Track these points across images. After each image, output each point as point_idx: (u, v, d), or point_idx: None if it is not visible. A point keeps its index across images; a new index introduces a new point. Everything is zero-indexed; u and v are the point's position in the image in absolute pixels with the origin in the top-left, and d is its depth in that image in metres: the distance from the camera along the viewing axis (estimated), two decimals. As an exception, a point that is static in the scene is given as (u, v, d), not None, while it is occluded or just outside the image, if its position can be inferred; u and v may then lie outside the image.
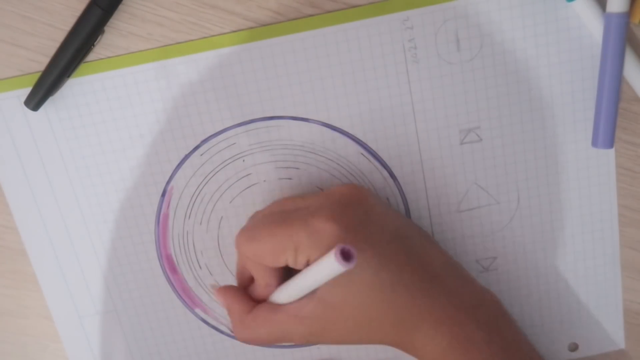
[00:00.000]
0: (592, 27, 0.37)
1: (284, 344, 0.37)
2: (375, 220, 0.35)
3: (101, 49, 0.38)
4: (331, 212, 0.34)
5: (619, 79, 0.37)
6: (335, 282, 0.32)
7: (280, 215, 0.35)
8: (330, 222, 0.33)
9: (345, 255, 0.29)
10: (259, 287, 0.37)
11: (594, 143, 0.38)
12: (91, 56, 0.38)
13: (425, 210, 0.41)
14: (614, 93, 0.37)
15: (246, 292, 0.38)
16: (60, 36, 0.38)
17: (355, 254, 0.29)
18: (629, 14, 0.36)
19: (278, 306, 0.36)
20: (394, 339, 0.36)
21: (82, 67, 0.38)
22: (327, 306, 0.34)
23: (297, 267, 0.34)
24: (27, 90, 0.38)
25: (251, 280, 0.38)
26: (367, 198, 0.36)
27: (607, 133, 0.38)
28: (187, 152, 0.40)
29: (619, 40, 0.36)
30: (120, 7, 0.38)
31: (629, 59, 0.37)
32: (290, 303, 0.35)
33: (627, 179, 0.41)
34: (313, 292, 0.34)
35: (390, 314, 0.34)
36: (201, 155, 0.40)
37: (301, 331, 0.35)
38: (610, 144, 0.38)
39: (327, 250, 0.31)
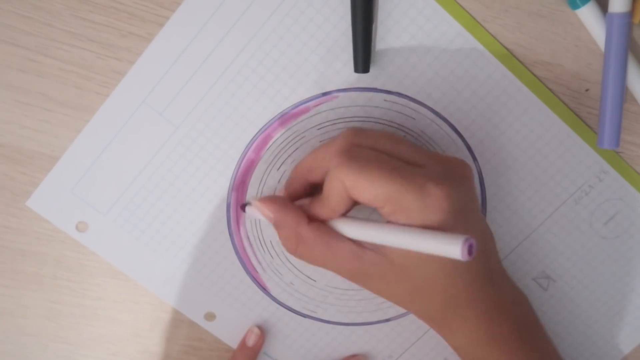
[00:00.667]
0: (596, 35, 0.38)
1: (327, 269, 0.36)
2: (473, 204, 0.35)
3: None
4: (449, 186, 0.33)
5: (623, 79, 0.37)
6: (413, 251, 0.32)
7: (396, 162, 0.33)
8: (445, 198, 0.32)
9: (469, 251, 0.30)
10: (324, 208, 0.35)
11: (600, 143, 0.38)
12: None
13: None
14: (619, 92, 0.37)
15: (297, 205, 0.36)
16: (60, 36, 0.38)
17: (475, 253, 0.30)
18: (631, 14, 0.36)
19: (339, 234, 0.35)
20: (434, 316, 0.36)
21: None
22: (390, 264, 0.34)
23: (382, 213, 0.33)
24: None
25: (307, 187, 0.37)
26: (473, 180, 0.36)
27: (612, 132, 0.38)
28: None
29: (622, 40, 0.36)
30: (120, 6, 0.38)
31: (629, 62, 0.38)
32: (354, 240, 0.34)
33: (627, 179, 0.41)
34: (381, 245, 0.34)
35: (445, 294, 0.35)
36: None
37: (353, 265, 0.34)
38: (616, 143, 0.38)
39: (430, 218, 0.32)
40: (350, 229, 0.34)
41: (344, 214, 0.35)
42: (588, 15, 0.37)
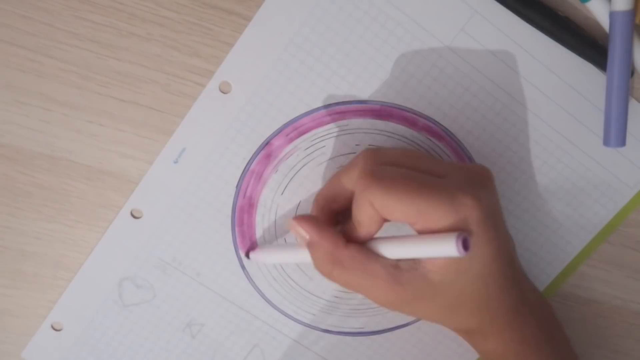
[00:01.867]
0: (606, 26, 0.38)
1: (363, 295, 0.35)
2: (500, 211, 0.35)
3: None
4: (476, 192, 0.32)
5: (627, 77, 0.37)
6: (451, 266, 0.32)
7: (422, 176, 0.33)
8: (478, 207, 0.32)
9: (464, 245, 0.30)
10: (358, 230, 0.34)
11: (606, 142, 0.38)
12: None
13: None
14: (624, 91, 0.37)
15: (332, 226, 0.35)
16: (60, 36, 0.38)
17: (471, 246, 0.30)
18: (634, 12, 0.36)
19: (375, 255, 0.34)
20: (470, 327, 0.36)
21: None
22: (428, 283, 0.33)
23: (414, 227, 0.33)
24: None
25: (332, 214, 0.36)
26: (495, 184, 0.36)
27: (618, 132, 0.38)
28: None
29: (626, 38, 0.36)
30: (120, 6, 0.38)
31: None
32: (388, 259, 0.34)
33: (627, 179, 0.41)
34: (417, 263, 0.33)
35: (482, 304, 0.35)
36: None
37: (390, 293, 0.34)
38: (622, 142, 0.38)
39: (463, 227, 0.32)
40: (385, 246, 0.34)
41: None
42: (599, 7, 0.37)
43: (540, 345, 0.37)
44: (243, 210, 0.41)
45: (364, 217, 0.33)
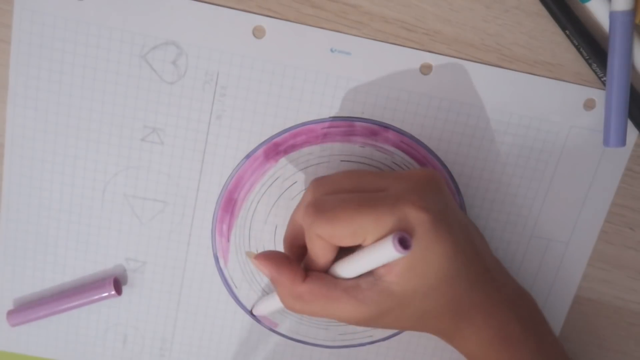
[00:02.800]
0: (606, 26, 0.38)
1: (333, 319, 0.36)
2: (452, 209, 0.35)
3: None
4: (418, 198, 0.33)
5: (627, 77, 0.37)
6: (407, 272, 0.32)
7: (360, 196, 0.33)
8: (420, 210, 0.32)
9: (403, 243, 0.30)
10: (316, 261, 0.35)
11: (606, 142, 0.38)
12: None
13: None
14: (624, 91, 0.37)
15: (294, 260, 0.36)
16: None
17: (412, 243, 0.30)
18: (634, 12, 0.36)
19: (335, 281, 0.34)
20: (445, 328, 0.36)
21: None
22: (390, 295, 0.33)
23: (365, 245, 0.33)
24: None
25: (301, 249, 0.37)
26: (443, 185, 0.35)
27: (618, 131, 0.38)
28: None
29: (626, 38, 0.36)
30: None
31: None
32: (348, 281, 0.34)
33: (628, 179, 0.41)
34: (377, 279, 0.34)
35: (451, 304, 0.35)
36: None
37: (356, 314, 0.34)
38: (622, 141, 0.38)
39: (418, 237, 0.32)
40: (341, 269, 0.34)
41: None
42: (598, 7, 0.37)
43: (521, 341, 0.36)
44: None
45: (316, 250, 0.34)
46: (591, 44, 0.38)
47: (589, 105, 0.40)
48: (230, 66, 0.38)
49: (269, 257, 0.35)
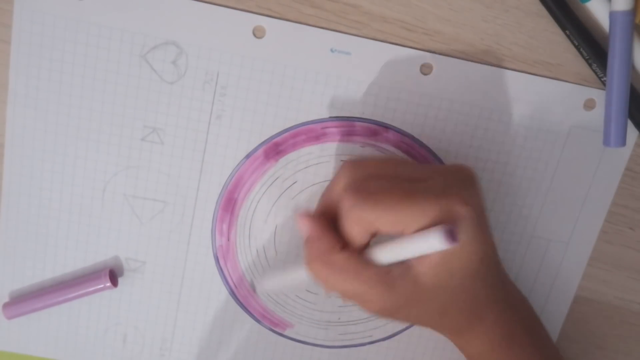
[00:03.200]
0: (606, 26, 0.38)
1: (353, 303, 0.35)
2: (484, 210, 0.35)
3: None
4: (464, 193, 0.33)
5: (627, 77, 0.37)
6: (440, 265, 0.32)
7: (404, 185, 0.33)
8: (466, 205, 0.32)
9: (451, 236, 0.29)
10: (350, 243, 0.34)
11: (606, 142, 0.38)
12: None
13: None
14: (624, 91, 0.37)
15: (333, 229, 0.34)
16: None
17: (459, 240, 0.30)
18: (634, 12, 0.36)
19: (367, 262, 0.33)
20: (458, 326, 0.36)
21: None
22: (420, 286, 0.33)
23: (406, 234, 0.32)
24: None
25: (332, 221, 0.35)
26: (478, 179, 0.35)
27: (618, 131, 0.38)
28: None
29: (626, 38, 0.36)
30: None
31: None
32: (381, 267, 0.33)
33: (627, 179, 0.41)
34: (408, 268, 0.33)
35: (470, 302, 0.35)
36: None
37: (382, 299, 0.33)
38: (622, 141, 0.38)
39: (460, 231, 0.31)
40: (379, 253, 0.33)
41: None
42: (598, 7, 0.37)
43: (524, 342, 0.37)
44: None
45: (354, 233, 0.33)
46: (591, 44, 0.38)
47: (589, 105, 0.40)
48: (230, 66, 0.38)
49: (314, 217, 0.34)
